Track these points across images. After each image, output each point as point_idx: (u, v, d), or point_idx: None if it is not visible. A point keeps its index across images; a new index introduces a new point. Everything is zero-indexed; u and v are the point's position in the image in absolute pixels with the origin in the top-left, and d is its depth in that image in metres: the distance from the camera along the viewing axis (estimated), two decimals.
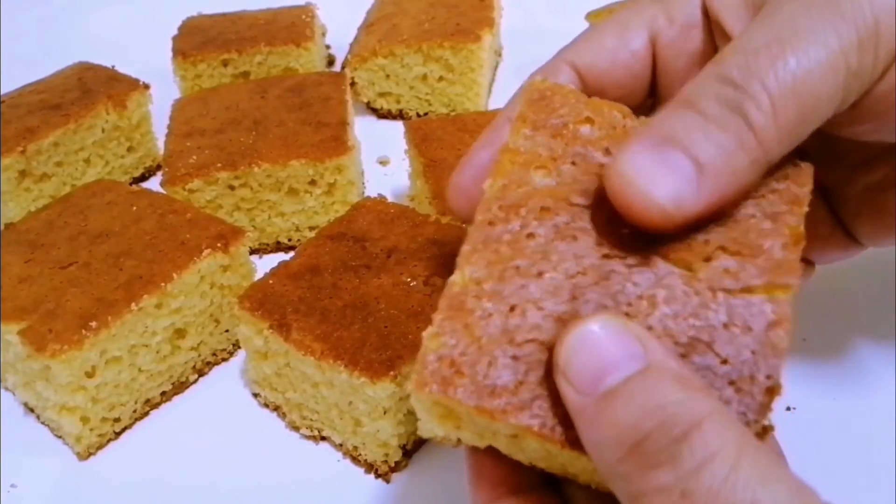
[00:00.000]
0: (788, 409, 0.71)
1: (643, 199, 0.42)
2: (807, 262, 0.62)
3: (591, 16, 1.19)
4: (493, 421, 0.42)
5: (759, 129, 0.42)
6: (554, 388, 0.42)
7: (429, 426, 0.46)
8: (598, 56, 0.55)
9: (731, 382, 0.43)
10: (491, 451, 0.47)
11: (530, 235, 0.46)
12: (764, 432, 0.43)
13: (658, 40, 0.55)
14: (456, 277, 0.45)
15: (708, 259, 0.45)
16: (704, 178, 0.42)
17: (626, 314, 0.44)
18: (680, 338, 0.44)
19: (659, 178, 0.42)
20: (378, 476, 0.70)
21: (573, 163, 0.49)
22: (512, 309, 0.44)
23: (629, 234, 0.46)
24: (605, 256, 0.46)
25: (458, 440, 0.46)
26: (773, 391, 0.43)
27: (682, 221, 0.43)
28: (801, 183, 0.47)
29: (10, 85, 1.04)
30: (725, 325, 0.44)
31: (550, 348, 0.43)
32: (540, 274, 0.45)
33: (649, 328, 0.44)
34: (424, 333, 0.44)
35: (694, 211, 0.43)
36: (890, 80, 0.45)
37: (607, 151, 0.49)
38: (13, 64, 1.25)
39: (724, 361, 0.43)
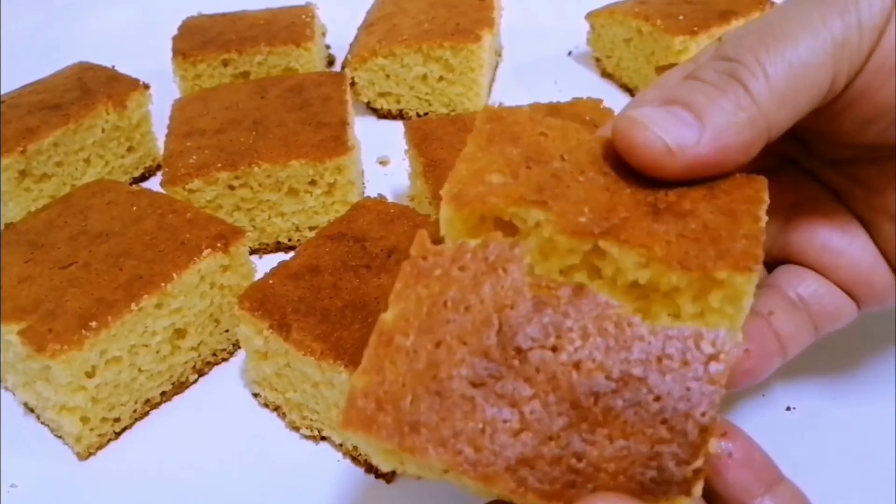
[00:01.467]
0: (788, 409, 0.71)
1: (649, 137, 0.46)
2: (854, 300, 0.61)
3: (591, 16, 1.19)
4: (414, 457, 0.42)
5: (755, 92, 0.47)
6: (476, 424, 0.42)
7: (378, 461, 0.45)
8: None
9: (664, 421, 0.42)
10: None
11: (462, 268, 0.46)
12: (695, 477, 0.42)
13: None
14: (387, 315, 0.45)
15: (668, 242, 0.45)
16: (706, 129, 0.47)
17: (555, 347, 0.44)
18: (612, 372, 0.43)
19: (665, 123, 0.47)
20: (378, 476, 0.70)
21: (528, 167, 0.49)
22: (437, 345, 0.44)
23: (584, 224, 0.46)
24: (536, 287, 0.45)
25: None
26: (708, 430, 0.42)
27: (682, 166, 0.47)
28: (756, 189, 0.48)
29: (10, 85, 1.04)
30: (660, 359, 0.43)
31: (474, 383, 0.43)
32: (467, 308, 0.45)
33: (579, 362, 0.43)
34: (356, 372, 0.44)
35: (695, 155, 0.46)
36: (877, 59, 0.49)
37: (562, 158, 0.49)
38: (13, 64, 1.25)
39: (658, 398, 0.43)
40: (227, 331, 0.81)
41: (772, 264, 0.63)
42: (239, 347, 0.81)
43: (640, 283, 0.46)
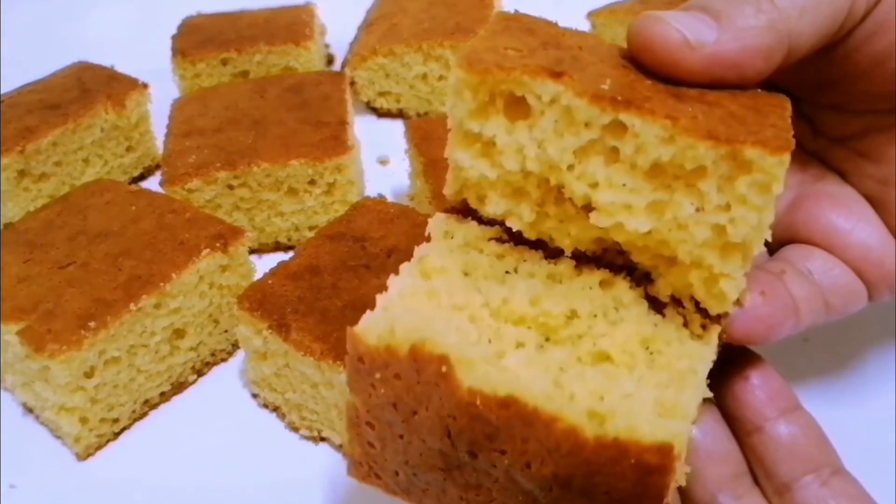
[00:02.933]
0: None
1: (668, 30, 0.46)
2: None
3: (591, 15, 1.19)
4: None
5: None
6: (452, 499, 0.46)
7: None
8: None
9: None
10: None
11: (397, 376, 0.44)
12: None
13: None
14: (350, 398, 0.47)
15: (694, 117, 0.43)
16: (724, 30, 0.46)
17: (503, 450, 0.42)
18: (560, 474, 0.42)
19: (684, 20, 0.46)
20: None
21: (545, 49, 0.46)
22: (401, 437, 0.46)
23: (605, 90, 0.43)
24: (471, 405, 0.42)
25: None
26: None
27: (701, 61, 0.45)
28: (780, 99, 0.47)
29: (9, 85, 1.04)
30: (605, 466, 0.41)
31: (442, 469, 0.45)
32: (415, 413, 0.44)
33: (528, 463, 0.42)
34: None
35: (713, 53, 0.45)
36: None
37: (580, 48, 0.47)
38: (13, 64, 1.25)
39: (607, 492, 0.42)
40: (226, 331, 0.80)
41: (776, 248, 0.61)
42: (238, 348, 0.81)
43: (662, 163, 0.43)
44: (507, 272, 0.48)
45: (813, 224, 0.59)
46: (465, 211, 0.51)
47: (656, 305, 0.47)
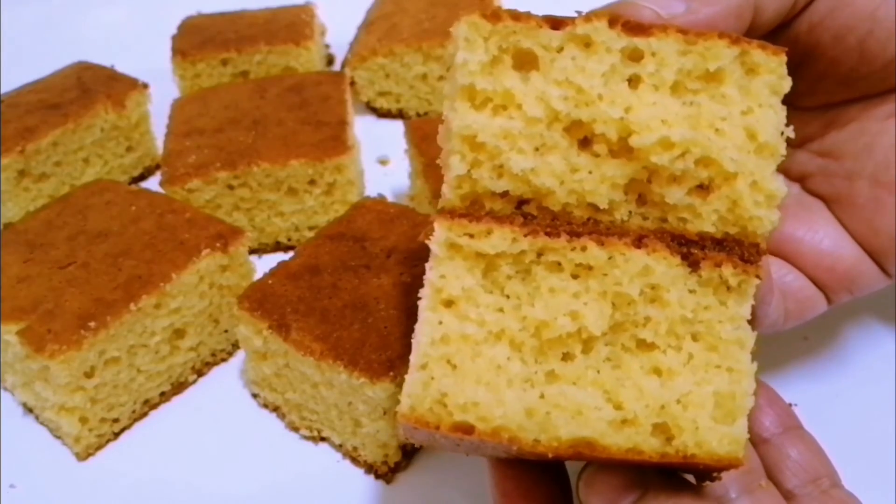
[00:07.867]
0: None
1: (638, 9, 0.48)
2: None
3: None
4: None
5: None
6: None
7: None
8: None
9: None
10: (513, 467, 0.51)
11: (459, 437, 0.47)
12: None
13: None
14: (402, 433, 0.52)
15: (703, 32, 0.47)
16: (692, 1, 0.50)
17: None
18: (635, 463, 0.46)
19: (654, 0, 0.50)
20: (378, 477, 0.69)
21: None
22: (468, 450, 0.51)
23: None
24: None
25: None
26: None
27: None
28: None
29: (9, 85, 1.04)
30: (674, 464, 0.45)
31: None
32: (479, 448, 0.49)
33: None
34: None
35: (684, 21, 0.48)
36: None
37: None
38: (13, 64, 1.25)
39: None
40: (226, 331, 0.81)
41: None
42: (238, 348, 0.81)
43: (683, 77, 0.46)
44: (531, 262, 0.48)
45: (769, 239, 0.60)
46: (464, 213, 0.49)
47: (692, 265, 0.47)
